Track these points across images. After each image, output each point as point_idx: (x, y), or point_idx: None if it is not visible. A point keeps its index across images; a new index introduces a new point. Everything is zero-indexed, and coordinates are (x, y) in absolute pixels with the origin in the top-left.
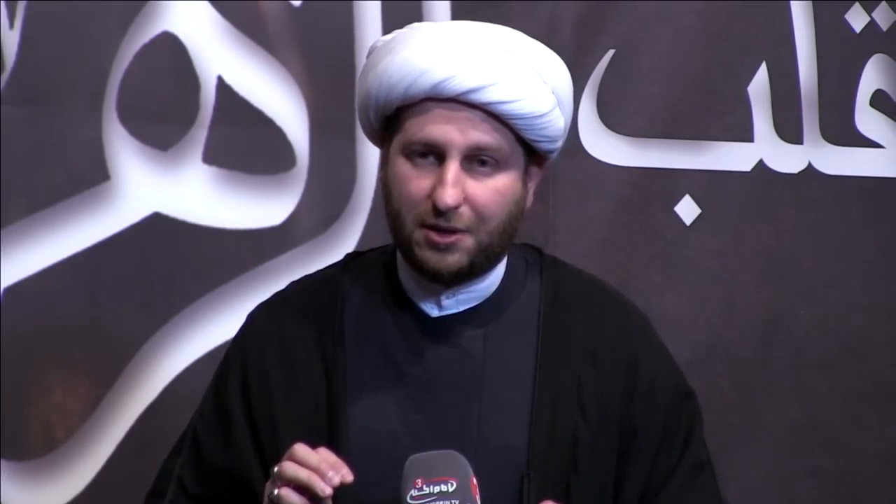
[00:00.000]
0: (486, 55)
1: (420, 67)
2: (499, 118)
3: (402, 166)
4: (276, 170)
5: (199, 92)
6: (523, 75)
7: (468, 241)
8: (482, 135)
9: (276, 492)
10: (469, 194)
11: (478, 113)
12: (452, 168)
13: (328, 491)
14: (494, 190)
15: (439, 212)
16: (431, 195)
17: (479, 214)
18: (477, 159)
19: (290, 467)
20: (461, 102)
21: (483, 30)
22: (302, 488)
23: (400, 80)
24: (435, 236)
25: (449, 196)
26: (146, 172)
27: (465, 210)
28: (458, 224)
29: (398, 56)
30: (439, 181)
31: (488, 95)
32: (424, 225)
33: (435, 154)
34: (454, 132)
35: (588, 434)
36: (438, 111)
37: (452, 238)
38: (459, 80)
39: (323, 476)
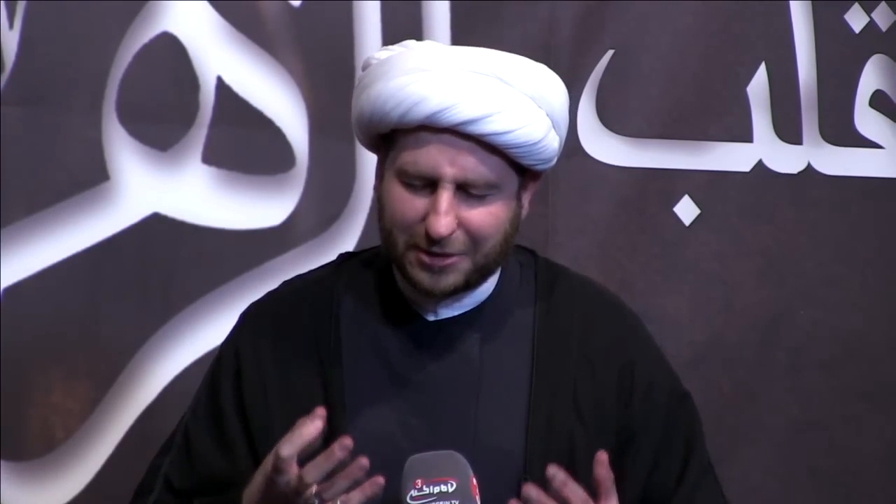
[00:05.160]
0: (482, 86)
1: (415, 96)
2: (494, 146)
3: (396, 188)
4: (276, 170)
5: (198, 92)
6: (519, 105)
7: (464, 264)
8: (475, 167)
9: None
10: (463, 219)
11: (472, 143)
12: (445, 197)
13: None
14: (488, 213)
15: (433, 240)
16: (424, 220)
17: (474, 238)
18: (470, 186)
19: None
20: (455, 132)
21: (477, 57)
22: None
23: (395, 107)
24: (428, 259)
25: (442, 226)
26: (146, 173)
27: (459, 235)
28: (452, 250)
29: (392, 82)
30: (432, 209)
31: (484, 127)
32: (418, 248)
33: (428, 182)
34: (446, 165)
35: (585, 437)
36: (433, 143)
37: (448, 261)
38: (455, 111)
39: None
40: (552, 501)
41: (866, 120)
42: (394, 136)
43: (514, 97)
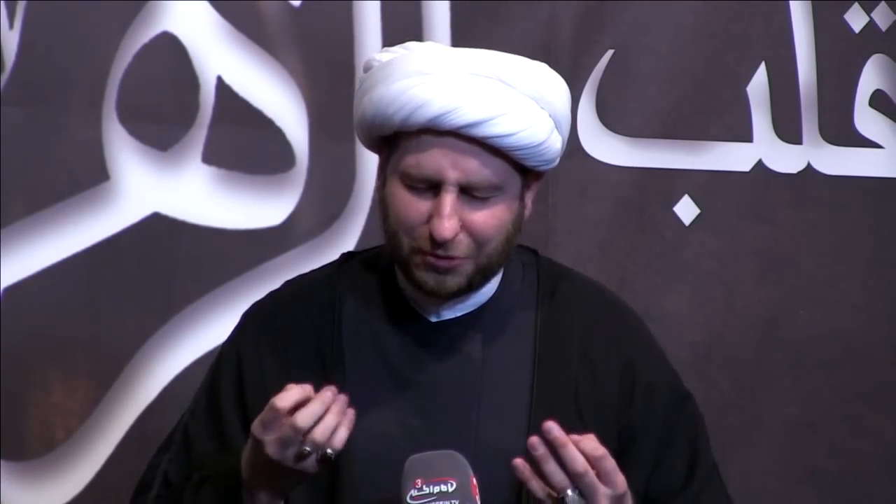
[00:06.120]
0: (484, 89)
1: (418, 100)
2: (497, 148)
3: (399, 190)
4: (276, 170)
5: (198, 92)
6: (521, 107)
7: (467, 266)
8: (478, 170)
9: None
10: (466, 221)
11: (475, 146)
12: (448, 201)
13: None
14: (491, 215)
15: (437, 242)
16: (428, 222)
17: (478, 240)
18: (473, 189)
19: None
20: (458, 135)
21: (480, 60)
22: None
23: (397, 110)
24: (433, 260)
25: (446, 230)
26: (146, 172)
27: (462, 237)
28: (457, 252)
29: (394, 85)
30: (436, 212)
31: (486, 130)
32: (422, 250)
33: (431, 185)
34: (449, 168)
35: None
36: (435, 147)
37: (452, 263)
38: (457, 114)
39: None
40: (553, 463)
41: (866, 120)
42: (396, 139)
43: (516, 99)
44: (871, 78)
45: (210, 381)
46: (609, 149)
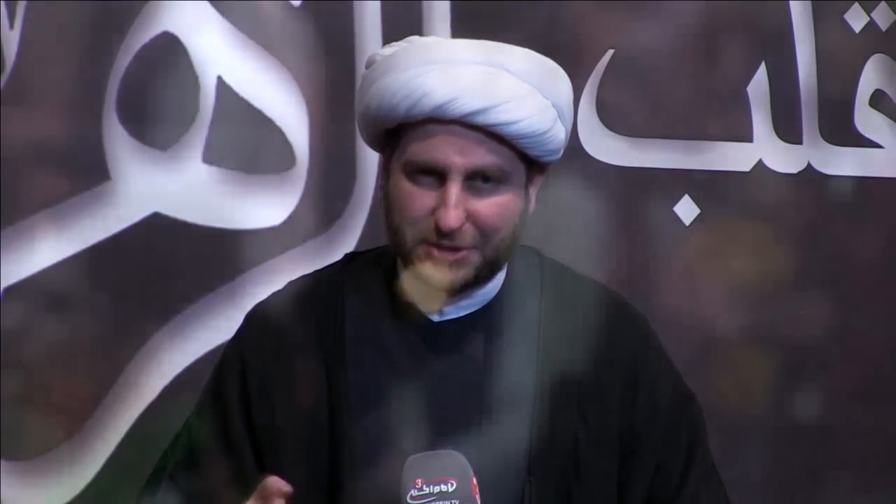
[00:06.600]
0: (488, 77)
1: (422, 89)
2: (501, 137)
3: (403, 183)
4: (276, 170)
5: (199, 92)
6: (525, 95)
7: (474, 257)
8: (483, 156)
9: None
10: (472, 211)
11: (480, 134)
12: (454, 190)
13: None
14: (497, 205)
15: (442, 233)
16: (434, 214)
17: (484, 231)
18: (479, 177)
19: None
20: (463, 124)
21: (483, 49)
22: None
23: (401, 101)
24: (438, 253)
25: (452, 219)
26: (146, 172)
27: (468, 228)
28: (463, 243)
29: (399, 76)
30: (442, 202)
31: (490, 118)
32: (427, 242)
33: (436, 174)
34: (455, 155)
35: (589, 440)
36: (440, 134)
37: (458, 255)
38: (461, 102)
39: None
40: None
41: (866, 119)
42: (400, 132)
43: (519, 88)
44: (871, 78)
45: (214, 384)
46: (609, 149)
